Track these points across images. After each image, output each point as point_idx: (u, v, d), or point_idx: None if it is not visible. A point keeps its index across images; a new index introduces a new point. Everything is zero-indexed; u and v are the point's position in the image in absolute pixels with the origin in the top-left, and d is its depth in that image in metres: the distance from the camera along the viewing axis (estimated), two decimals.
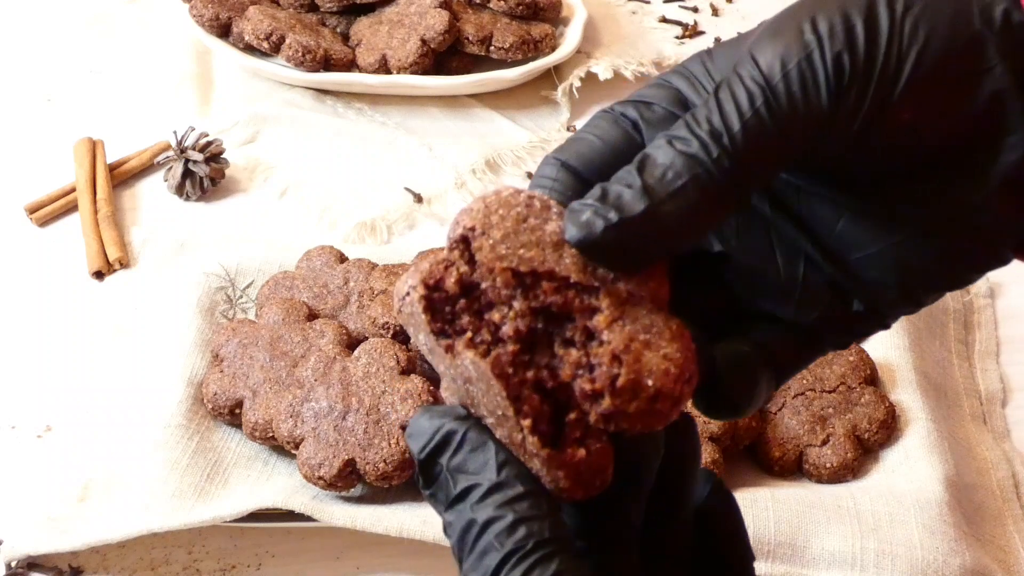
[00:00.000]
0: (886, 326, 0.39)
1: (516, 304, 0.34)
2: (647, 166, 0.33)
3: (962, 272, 0.37)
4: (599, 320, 0.33)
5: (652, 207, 0.32)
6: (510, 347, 0.33)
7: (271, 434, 0.64)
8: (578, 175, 0.35)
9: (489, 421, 0.34)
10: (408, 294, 0.35)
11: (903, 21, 0.33)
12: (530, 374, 0.33)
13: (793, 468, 0.65)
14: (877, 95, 0.33)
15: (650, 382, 0.32)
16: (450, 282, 0.34)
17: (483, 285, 0.34)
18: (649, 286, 0.34)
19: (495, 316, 0.34)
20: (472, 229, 0.34)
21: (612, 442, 0.34)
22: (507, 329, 0.34)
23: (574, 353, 0.33)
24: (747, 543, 0.39)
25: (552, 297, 0.34)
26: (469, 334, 0.34)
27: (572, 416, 0.33)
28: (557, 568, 0.32)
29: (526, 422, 0.33)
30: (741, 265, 0.38)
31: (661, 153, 0.33)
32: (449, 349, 0.34)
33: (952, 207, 0.35)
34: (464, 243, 0.34)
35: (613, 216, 0.32)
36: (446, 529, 0.34)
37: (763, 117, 0.32)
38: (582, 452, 0.33)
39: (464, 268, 0.34)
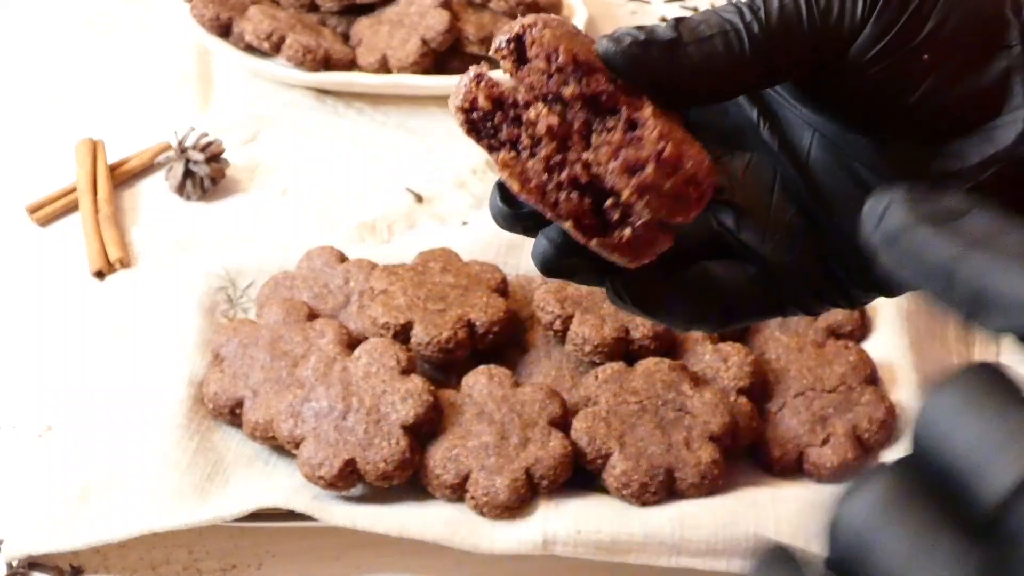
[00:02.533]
0: (851, 304, 0.42)
1: (568, 88, 0.36)
2: (684, 20, 0.36)
3: None
4: (646, 112, 0.36)
5: (678, 41, 0.36)
6: (545, 151, 0.37)
7: (271, 434, 0.64)
8: None
9: None
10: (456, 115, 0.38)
11: None
12: (564, 175, 0.37)
13: (793, 468, 0.65)
14: (904, 29, 0.35)
15: (689, 164, 0.36)
16: (482, 99, 0.37)
17: (527, 80, 0.37)
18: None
19: (531, 114, 0.37)
20: (531, 26, 0.37)
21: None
22: (541, 126, 0.36)
23: (618, 135, 0.36)
24: None
25: (605, 86, 0.36)
26: (503, 154, 0.37)
27: (609, 202, 0.36)
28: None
29: (567, 223, 0.37)
30: (738, 199, 0.41)
31: (699, 14, 0.37)
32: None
33: (942, 177, 0.38)
34: (518, 42, 0.37)
35: (641, 36, 0.36)
36: None
37: (800, 6, 0.36)
38: (627, 232, 0.36)
39: (509, 66, 0.37)
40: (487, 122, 0.38)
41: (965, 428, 0.23)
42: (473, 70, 0.38)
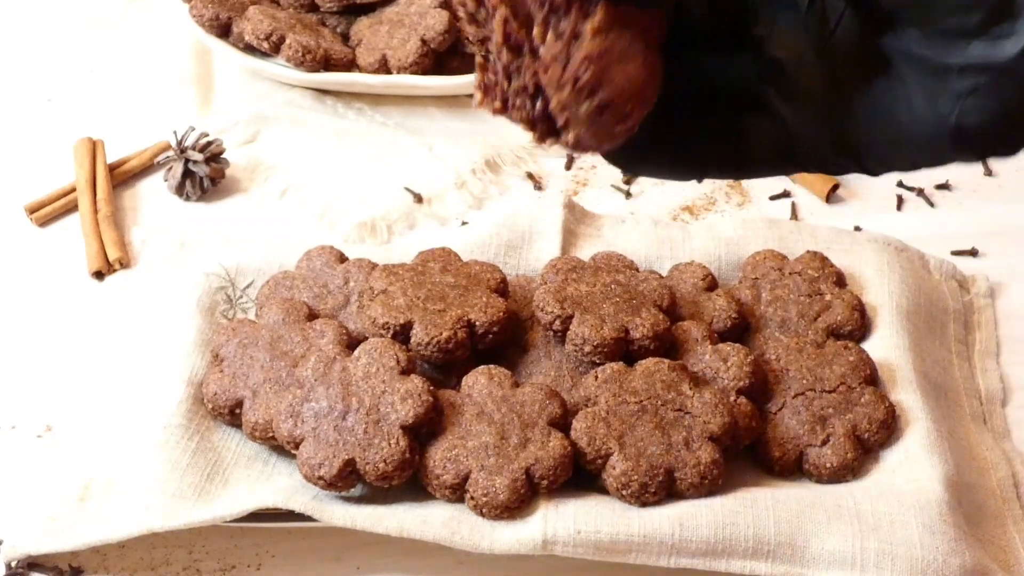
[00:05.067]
0: (867, 172, 0.43)
1: None
2: None
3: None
4: (588, 25, 0.37)
5: None
6: (503, 59, 0.38)
7: (271, 434, 0.64)
8: None
9: None
10: None
11: None
12: (516, 83, 0.38)
13: (793, 468, 0.65)
14: None
15: (606, 91, 0.36)
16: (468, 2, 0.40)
17: None
18: (641, 20, 0.38)
19: (494, 22, 0.39)
20: None
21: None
22: (496, 35, 0.38)
23: (559, 45, 0.37)
24: None
25: None
26: (478, 59, 0.39)
27: (551, 108, 0.37)
28: None
29: (521, 126, 0.39)
30: (774, 52, 0.40)
31: None
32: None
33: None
34: None
35: None
36: None
37: None
38: (571, 137, 0.38)
39: None
40: (476, 23, 0.40)
41: None
42: None
